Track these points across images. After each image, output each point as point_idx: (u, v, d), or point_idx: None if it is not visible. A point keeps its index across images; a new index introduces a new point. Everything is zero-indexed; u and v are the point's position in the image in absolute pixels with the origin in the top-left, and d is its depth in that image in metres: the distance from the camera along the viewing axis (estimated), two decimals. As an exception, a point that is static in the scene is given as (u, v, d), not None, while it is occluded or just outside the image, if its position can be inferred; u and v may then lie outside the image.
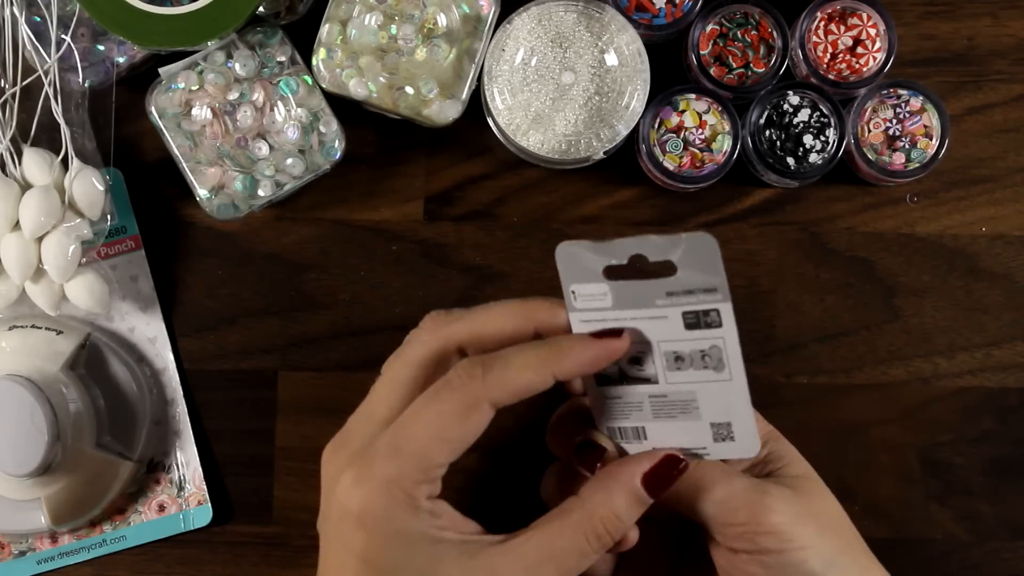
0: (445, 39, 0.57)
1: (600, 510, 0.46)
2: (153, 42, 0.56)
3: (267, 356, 0.60)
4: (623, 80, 0.57)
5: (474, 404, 0.45)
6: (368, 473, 0.45)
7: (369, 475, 0.45)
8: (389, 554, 0.45)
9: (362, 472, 0.45)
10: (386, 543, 0.45)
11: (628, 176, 0.60)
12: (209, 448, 0.60)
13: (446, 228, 0.60)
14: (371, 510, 0.45)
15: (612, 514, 0.46)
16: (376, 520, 0.45)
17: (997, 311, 0.60)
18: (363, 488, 0.45)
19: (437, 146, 0.61)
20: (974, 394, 0.60)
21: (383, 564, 0.45)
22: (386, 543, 0.45)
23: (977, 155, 0.60)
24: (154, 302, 0.60)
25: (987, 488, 0.60)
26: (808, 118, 0.58)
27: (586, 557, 0.46)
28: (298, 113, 0.57)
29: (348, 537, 0.45)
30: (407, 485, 0.45)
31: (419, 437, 0.45)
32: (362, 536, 0.45)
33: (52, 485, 0.56)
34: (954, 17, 0.61)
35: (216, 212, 0.58)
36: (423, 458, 0.45)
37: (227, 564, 0.60)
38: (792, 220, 0.60)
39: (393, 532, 0.45)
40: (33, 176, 0.56)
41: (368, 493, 0.45)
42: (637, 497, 0.46)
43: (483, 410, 0.45)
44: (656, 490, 0.46)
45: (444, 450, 0.45)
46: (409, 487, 0.45)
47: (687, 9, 0.58)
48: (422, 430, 0.45)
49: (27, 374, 0.55)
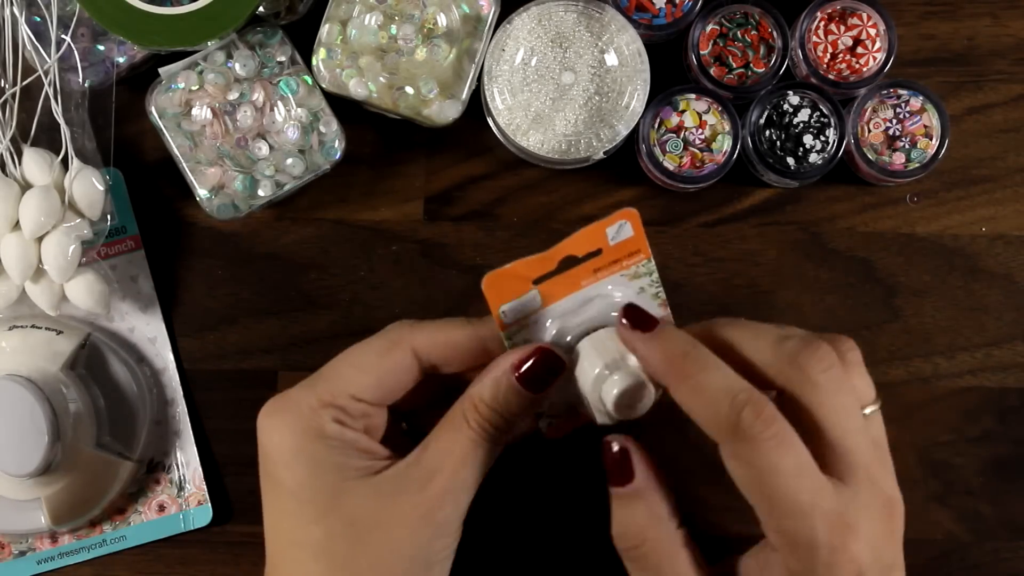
0: (445, 39, 0.57)
1: (472, 395, 0.47)
2: (153, 42, 0.56)
3: (267, 356, 0.60)
4: (623, 80, 0.57)
5: (396, 342, 0.48)
6: (280, 404, 0.47)
7: (281, 406, 0.47)
8: (296, 473, 0.46)
9: (275, 405, 0.47)
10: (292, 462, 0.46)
11: (628, 176, 0.60)
12: (209, 448, 0.60)
13: (446, 228, 0.60)
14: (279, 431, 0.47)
15: (480, 399, 0.46)
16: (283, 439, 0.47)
17: (997, 311, 0.60)
18: (274, 417, 0.47)
19: (437, 146, 0.61)
20: (974, 394, 0.60)
21: (291, 484, 0.46)
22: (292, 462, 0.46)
23: (977, 155, 0.60)
24: (154, 302, 0.60)
25: (987, 488, 0.60)
26: (808, 118, 0.58)
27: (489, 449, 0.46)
28: (298, 113, 0.57)
29: (266, 467, 0.47)
30: (314, 403, 0.47)
31: (335, 367, 0.48)
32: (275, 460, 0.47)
33: (52, 485, 0.56)
34: (954, 17, 0.61)
35: (216, 212, 0.58)
36: (335, 382, 0.47)
37: (227, 564, 0.60)
38: (792, 220, 0.60)
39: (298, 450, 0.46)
40: (33, 176, 0.56)
41: (278, 419, 0.47)
42: (508, 386, 0.46)
43: (404, 349, 0.48)
44: (532, 384, 0.46)
45: (359, 379, 0.47)
46: (316, 405, 0.47)
47: (687, 9, 0.58)
48: (341, 362, 0.48)
49: (27, 374, 0.55)
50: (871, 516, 0.44)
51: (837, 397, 0.44)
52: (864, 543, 0.43)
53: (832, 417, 0.44)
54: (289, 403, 0.47)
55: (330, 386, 0.47)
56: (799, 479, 0.43)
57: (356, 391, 0.47)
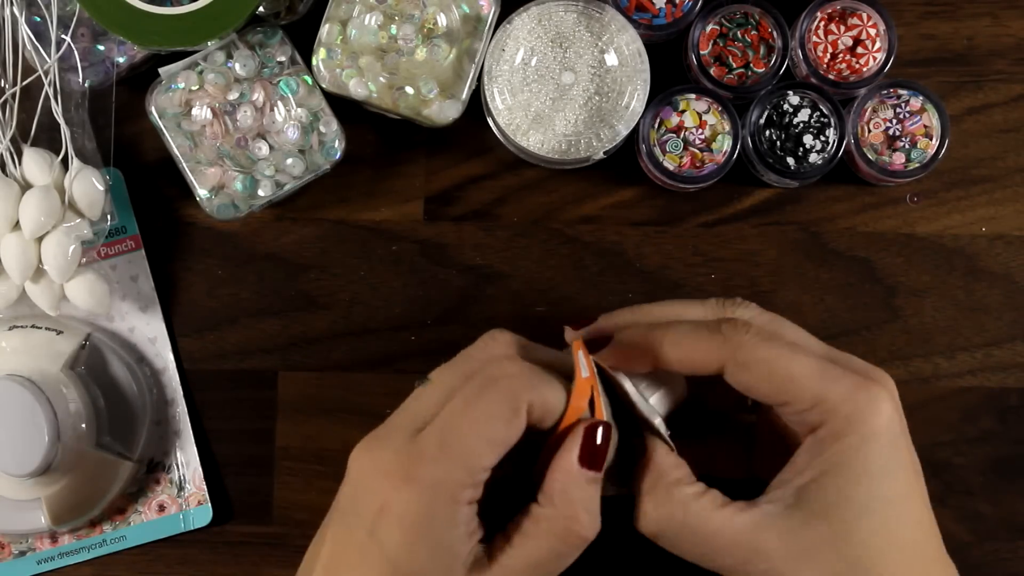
0: (445, 39, 0.57)
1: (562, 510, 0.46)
2: (153, 42, 0.56)
3: (267, 356, 0.60)
4: (623, 80, 0.57)
5: (518, 405, 0.45)
6: (416, 474, 0.44)
7: (417, 476, 0.44)
8: (415, 559, 0.44)
9: (409, 473, 0.44)
10: (418, 546, 0.44)
11: (628, 176, 0.60)
12: (209, 448, 0.60)
13: (446, 228, 0.60)
14: (416, 510, 0.44)
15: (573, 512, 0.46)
16: (416, 523, 0.44)
17: (997, 311, 0.60)
18: (410, 490, 0.44)
19: (437, 146, 0.61)
20: (974, 394, 0.60)
21: (407, 568, 0.44)
22: (418, 546, 0.44)
23: (977, 155, 0.60)
24: (154, 302, 0.60)
25: (987, 488, 0.60)
26: (808, 118, 0.58)
27: (564, 557, 0.46)
28: (298, 113, 0.57)
29: (380, 532, 0.44)
30: (454, 488, 0.44)
31: (467, 437, 0.44)
32: (398, 537, 0.44)
33: (52, 485, 0.56)
34: (954, 17, 0.61)
35: (216, 212, 0.58)
36: (471, 460, 0.44)
37: (227, 564, 0.60)
38: (792, 220, 0.60)
39: (428, 537, 0.44)
40: (33, 176, 0.56)
41: (416, 495, 0.44)
42: (583, 478, 0.46)
43: (523, 414, 0.45)
44: (596, 463, 0.46)
45: (491, 453, 0.45)
46: (456, 491, 0.44)
47: (687, 9, 0.58)
48: (470, 430, 0.44)
49: (27, 374, 0.55)
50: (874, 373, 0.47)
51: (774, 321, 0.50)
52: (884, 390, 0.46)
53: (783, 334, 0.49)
54: (425, 477, 0.44)
55: (469, 464, 0.44)
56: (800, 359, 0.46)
57: (489, 464, 0.45)
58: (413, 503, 0.44)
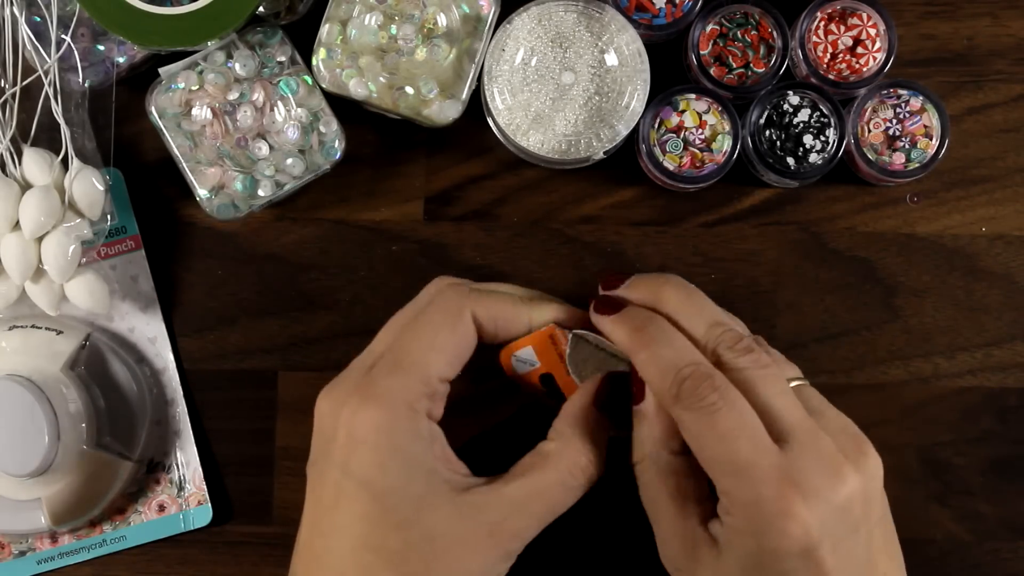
0: (445, 39, 0.57)
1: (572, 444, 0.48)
2: (153, 42, 0.56)
3: (267, 356, 0.60)
4: (623, 80, 0.57)
5: (459, 312, 0.48)
6: (371, 392, 0.46)
7: (372, 394, 0.46)
8: (388, 475, 0.45)
9: (366, 393, 0.46)
10: (388, 462, 0.45)
11: (628, 176, 0.60)
12: (209, 448, 0.60)
13: (446, 228, 0.60)
14: (376, 425, 0.45)
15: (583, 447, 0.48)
16: (380, 438, 0.45)
17: (997, 311, 0.60)
18: (368, 408, 0.45)
19: (437, 146, 0.61)
20: (974, 394, 0.60)
21: (381, 486, 0.45)
22: (388, 462, 0.45)
23: (977, 155, 0.60)
24: (154, 302, 0.60)
25: (987, 488, 0.60)
26: (808, 118, 0.58)
27: (567, 493, 0.48)
28: (298, 113, 0.57)
29: (349, 462, 0.45)
30: (411, 397, 0.46)
31: (415, 350, 0.47)
32: (365, 456, 0.45)
33: (52, 485, 0.56)
34: (954, 17, 0.61)
35: (216, 212, 0.58)
36: (422, 368, 0.46)
37: (227, 564, 0.60)
38: (792, 220, 0.60)
39: (395, 449, 0.45)
40: (33, 176, 0.56)
41: (374, 411, 0.45)
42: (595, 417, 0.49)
43: (468, 321, 0.48)
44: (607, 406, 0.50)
45: (440, 360, 0.47)
46: (413, 400, 0.46)
47: (687, 9, 0.58)
48: (416, 342, 0.47)
49: (27, 374, 0.55)
50: (818, 477, 0.44)
51: (757, 372, 0.47)
52: (812, 507, 0.43)
53: (757, 389, 0.46)
54: (381, 392, 0.46)
55: (420, 373, 0.46)
56: (738, 440, 0.44)
57: (442, 373, 0.47)
58: (373, 419, 0.45)
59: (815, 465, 0.44)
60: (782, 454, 0.44)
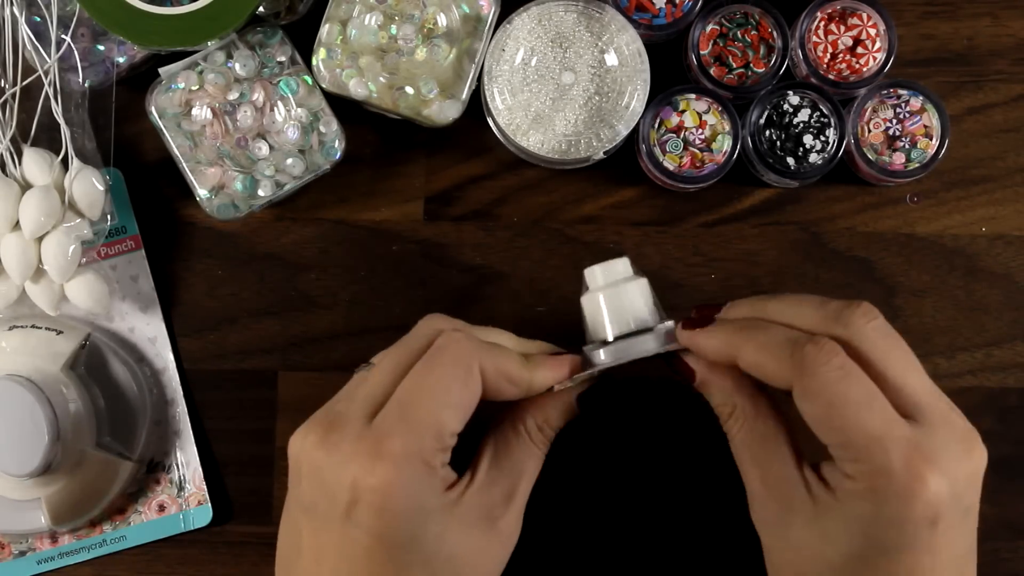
0: (445, 39, 0.57)
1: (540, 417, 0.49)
2: (153, 42, 0.56)
3: (267, 356, 0.60)
4: (623, 80, 0.57)
5: (470, 366, 0.46)
6: (383, 451, 0.44)
7: (385, 453, 0.44)
8: (406, 528, 0.44)
9: (377, 451, 0.44)
10: (406, 518, 0.44)
11: (628, 176, 0.60)
12: (209, 448, 0.60)
13: (446, 228, 0.60)
14: (394, 486, 0.44)
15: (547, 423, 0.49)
16: (398, 496, 0.44)
17: (997, 311, 0.60)
18: (383, 467, 0.44)
19: (437, 146, 0.61)
20: (974, 394, 0.60)
21: (397, 539, 0.44)
22: (406, 518, 0.44)
23: (977, 155, 0.60)
24: (154, 302, 0.60)
25: (987, 488, 0.59)
26: (808, 118, 0.58)
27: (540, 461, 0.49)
28: (298, 113, 0.57)
29: (360, 517, 0.44)
30: (427, 455, 0.45)
31: (428, 405, 0.45)
32: (380, 514, 0.44)
33: (52, 485, 0.56)
34: (954, 17, 0.61)
35: (216, 212, 0.58)
36: (436, 426, 0.45)
37: (227, 564, 0.60)
38: (792, 220, 0.60)
39: (415, 507, 0.44)
40: (33, 176, 0.56)
41: (388, 468, 0.44)
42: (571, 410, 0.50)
43: (477, 377, 0.47)
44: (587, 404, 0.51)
45: (454, 417, 0.46)
46: (429, 457, 0.45)
47: (687, 9, 0.58)
48: (429, 398, 0.45)
49: (27, 374, 0.55)
50: (950, 453, 0.44)
51: (888, 341, 0.45)
52: (943, 479, 0.43)
53: (889, 361, 0.45)
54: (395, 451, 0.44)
55: (434, 431, 0.45)
56: (870, 408, 0.43)
57: (455, 429, 0.46)
58: (389, 475, 0.44)
59: (951, 444, 0.44)
60: (914, 429, 0.44)
